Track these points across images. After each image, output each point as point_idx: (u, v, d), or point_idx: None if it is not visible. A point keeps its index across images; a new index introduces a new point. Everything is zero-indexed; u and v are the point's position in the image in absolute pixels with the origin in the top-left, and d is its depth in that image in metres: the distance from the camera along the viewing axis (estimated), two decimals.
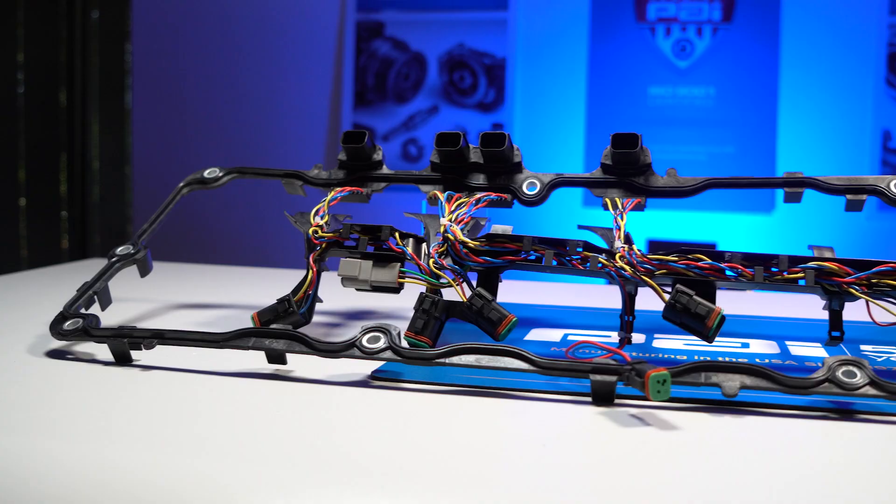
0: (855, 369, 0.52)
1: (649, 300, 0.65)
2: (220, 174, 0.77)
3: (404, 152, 2.06)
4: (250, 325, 0.66)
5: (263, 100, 2.14)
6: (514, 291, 0.83)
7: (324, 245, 0.70)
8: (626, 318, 0.66)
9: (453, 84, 2.05)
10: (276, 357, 0.61)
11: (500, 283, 0.67)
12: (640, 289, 0.65)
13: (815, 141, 1.88)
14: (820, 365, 0.53)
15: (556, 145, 1.99)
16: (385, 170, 0.72)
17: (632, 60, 1.97)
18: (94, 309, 0.69)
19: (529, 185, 0.68)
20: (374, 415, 0.54)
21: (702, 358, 0.55)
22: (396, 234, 0.68)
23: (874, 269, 0.61)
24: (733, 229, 1.90)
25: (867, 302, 0.61)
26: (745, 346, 0.72)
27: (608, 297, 0.93)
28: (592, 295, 0.98)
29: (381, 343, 0.58)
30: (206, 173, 0.78)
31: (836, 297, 0.63)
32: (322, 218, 0.70)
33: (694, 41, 1.94)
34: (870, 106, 1.88)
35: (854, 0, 1.89)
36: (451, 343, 0.58)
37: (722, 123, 1.94)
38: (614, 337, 0.71)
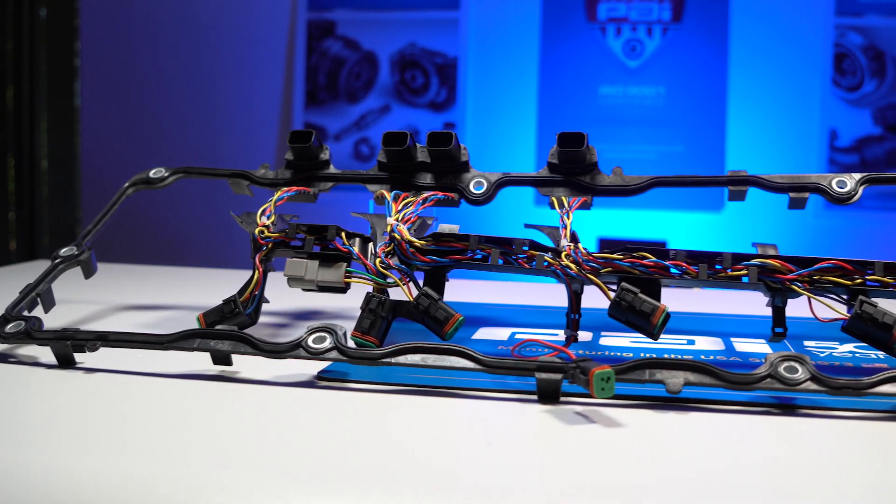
0: (797, 365, 0.53)
1: (596, 298, 0.65)
2: (166, 174, 0.77)
3: (356, 152, 2.05)
4: (196, 326, 0.66)
5: (214, 99, 2.13)
6: (461, 290, 0.83)
7: (270, 245, 0.69)
8: (573, 317, 0.66)
9: (405, 83, 2.04)
10: (222, 358, 0.60)
11: (447, 283, 0.67)
12: (586, 287, 0.65)
13: (764, 140, 1.90)
14: (763, 361, 0.54)
15: (509, 145, 1.99)
16: (332, 169, 0.72)
17: (583, 60, 1.98)
18: (38, 311, 0.68)
19: (476, 184, 0.68)
20: (320, 415, 0.53)
21: (647, 355, 0.55)
22: (343, 234, 0.67)
23: (816, 266, 0.61)
24: (684, 227, 1.91)
25: (809, 298, 0.62)
26: (691, 342, 0.73)
27: (556, 295, 0.93)
28: (540, 293, 0.99)
29: (327, 343, 0.58)
30: (151, 173, 0.77)
31: (778, 294, 0.64)
32: (268, 218, 0.69)
33: (644, 41, 1.96)
34: (817, 105, 1.90)
35: (801, 1, 1.92)
36: (398, 343, 0.57)
37: (672, 123, 1.95)
38: (561, 335, 0.71)
